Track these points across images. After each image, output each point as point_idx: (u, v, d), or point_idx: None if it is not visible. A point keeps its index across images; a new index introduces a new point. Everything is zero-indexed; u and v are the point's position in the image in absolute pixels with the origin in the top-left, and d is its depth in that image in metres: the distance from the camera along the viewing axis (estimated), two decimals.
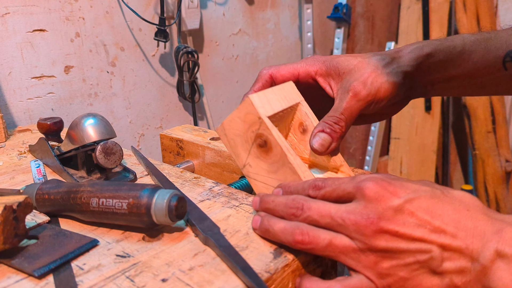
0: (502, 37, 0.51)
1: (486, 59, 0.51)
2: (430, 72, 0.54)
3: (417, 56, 0.52)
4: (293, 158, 0.44)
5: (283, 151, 0.44)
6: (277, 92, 0.49)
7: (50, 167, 0.62)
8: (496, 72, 0.51)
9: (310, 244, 0.36)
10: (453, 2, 1.63)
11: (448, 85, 0.55)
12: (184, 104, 1.27)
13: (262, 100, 0.46)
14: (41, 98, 0.94)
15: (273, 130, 0.45)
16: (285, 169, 0.45)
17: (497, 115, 1.66)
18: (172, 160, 0.74)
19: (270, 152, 0.45)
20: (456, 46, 0.52)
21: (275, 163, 0.45)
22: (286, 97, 0.49)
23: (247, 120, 0.46)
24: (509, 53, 0.50)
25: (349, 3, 1.66)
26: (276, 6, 1.52)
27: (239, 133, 0.48)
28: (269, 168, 0.46)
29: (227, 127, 0.48)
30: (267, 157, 0.46)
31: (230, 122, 0.48)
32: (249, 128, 0.46)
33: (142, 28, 1.11)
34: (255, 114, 0.45)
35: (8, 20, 0.87)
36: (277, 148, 0.45)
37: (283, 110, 0.48)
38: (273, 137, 0.44)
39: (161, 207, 0.39)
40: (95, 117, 0.55)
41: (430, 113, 1.69)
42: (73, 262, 0.38)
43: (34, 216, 0.46)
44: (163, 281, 0.35)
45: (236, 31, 1.39)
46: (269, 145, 0.45)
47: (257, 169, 0.48)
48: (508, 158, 1.68)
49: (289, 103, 0.49)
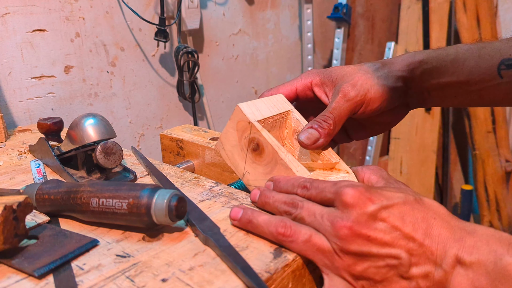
0: (495, 46, 0.52)
1: (480, 66, 0.52)
2: (424, 78, 0.55)
3: (409, 62, 0.54)
4: (284, 155, 0.46)
5: (274, 149, 0.46)
6: (266, 102, 0.52)
7: (50, 167, 0.62)
8: (492, 80, 0.52)
9: (291, 237, 0.38)
10: (453, 2, 1.63)
11: (444, 93, 0.55)
12: (184, 104, 1.27)
13: (251, 107, 0.49)
14: (41, 98, 0.94)
15: (263, 131, 0.47)
16: (278, 166, 0.47)
17: (497, 115, 1.66)
18: (172, 160, 0.75)
19: (263, 153, 0.47)
20: (449, 54, 0.54)
21: (269, 163, 0.47)
22: (275, 105, 0.52)
23: (239, 128, 0.49)
24: (504, 61, 0.51)
25: (349, 3, 1.66)
26: (276, 6, 1.52)
27: (234, 143, 0.50)
28: (264, 170, 0.48)
29: (224, 140, 0.51)
30: (261, 159, 0.48)
31: (225, 134, 0.51)
32: (242, 135, 0.49)
33: (142, 28, 1.11)
34: (245, 120, 0.48)
35: (8, 20, 0.87)
36: (268, 147, 0.47)
37: (273, 116, 0.51)
38: (263, 138, 0.47)
39: (161, 207, 0.39)
40: (95, 117, 0.55)
41: (430, 113, 1.69)
42: (73, 262, 0.38)
43: (34, 216, 0.46)
44: (163, 281, 0.35)
45: (236, 31, 1.39)
46: (261, 147, 0.47)
47: (255, 174, 0.49)
48: (508, 158, 1.68)
49: (279, 111, 0.52)
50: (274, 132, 0.52)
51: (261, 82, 1.53)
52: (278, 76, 1.59)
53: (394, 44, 1.69)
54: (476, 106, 0.59)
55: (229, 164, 0.52)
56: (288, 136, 0.54)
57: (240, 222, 0.42)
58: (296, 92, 0.55)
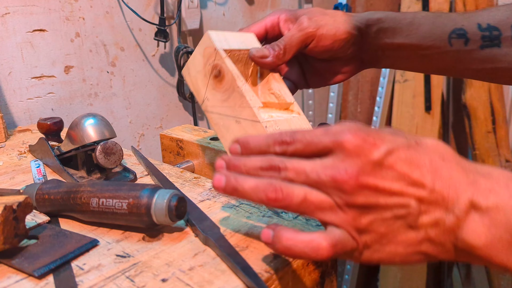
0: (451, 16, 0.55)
1: (433, 32, 0.55)
2: (380, 36, 0.57)
3: (368, 18, 0.57)
4: (242, 83, 0.48)
5: (233, 76, 0.48)
6: (236, 36, 0.54)
7: (50, 167, 0.62)
8: (442, 47, 0.55)
9: (284, 201, 0.33)
10: (453, 2, 1.62)
11: (397, 54, 0.58)
12: (184, 104, 1.27)
13: (220, 36, 0.51)
14: (41, 98, 0.94)
15: (226, 59, 0.49)
16: (235, 94, 0.49)
17: (497, 115, 1.66)
18: (172, 160, 0.74)
19: (223, 80, 0.50)
20: (407, 17, 0.57)
21: (227, 90, 0.49)
22: (244, 42, 0.54)
23: (205, 54, 0.51)
24: (455, 31, 0.54)
25: (349, 3, 1.66)
26: (276, 6, 1.52)
27: (199, 69, 0.52)
28: (222, 96, 0.50)
29: (190, 66, 0.53)
30: (220, 86, 0.50)
31: (193, 59, 0.53)
32: (207, 61, 0.51)
33: (142, 28, 1.11)
34: (212, 47, 0.50)
35: (8, 20, 0.87)
36: (228, 75, 0.49)
37: (240, 50, 0.52)
38: (225, 65, 0.49)
39: (161, 207, 0.39)
40: (95, 117, 0.55)
41: (430, 113, 1.69)
42: (73, 262, 0.38)
43: (34, 216, 0.46)
44: (163, 281, 0.35)
45: (236, 31, 1.39)
46: (222, 74, 0.49)
47: (213, 101, 0.51)
48: (508, 158, 1.68)
49: (246, 47, 0.54)
50: (239, 66, 0.53)
51: None
52: None
53: None
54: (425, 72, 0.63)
55: (191, 89, 0.54)
56: (252, 74, 0.55)
57: (225, 191, 0.36)
58: (266, 28, 0.58)
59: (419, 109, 1.72)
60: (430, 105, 1.69)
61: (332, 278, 0.43)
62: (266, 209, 0.46)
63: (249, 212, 0.46)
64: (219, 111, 0.51)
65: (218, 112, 0.51)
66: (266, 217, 0.45)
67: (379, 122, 1.66)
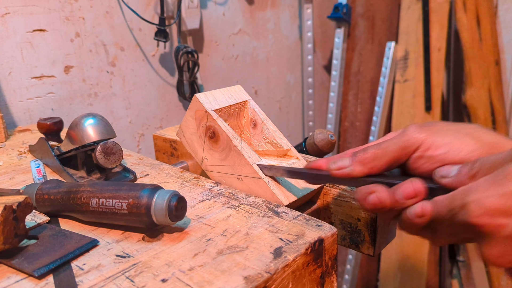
0: None
1: None
2: None
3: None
4: (238, 142, 0.50)
5: (228, 136, 0.50)
6: (224, 92, 0.55)
7: (50, 167, 0.62)
8: None
9: None
10: (453, 2, 1.63)
11: None
12: (184, 104, 1.27)
13: (209, 97, 0.53)
14: (41, 98, 0.94)
15: (218, 120, 0.51)
16: (232, 153, 0.50)
17: (497, 115, 1.66)
18: (165, 161, 0.74)
19: (219, 140, 0.51)
20: None
21: (224, 150, 0.51)
22: (232, 96, 0.55)
23: (197, 117, 0.53)
24: None
25: (349, 3, 1.66)
26: (276, 6, 1.52)
27: (193, 131, 0.54)
28: (220, 156, 0.52)
29: (184, 128, 0.55)
30: (217, 146, 0.52)
31: (185, 122, 0.54)
32: (200, 123, 0.53)
33: (142, 28, 1.11)
34: (202, 109, 0.52)
35: (8, 20, 0.87)
36: (223, 135, 0.50)
37: (230, 106, 0.54)
38: (219, 126, 0.50)
39: (161, 207, 0.39)
40: (95, 117, 0.55)
41: (430, 113, 1.69)
42: (73, 262, 0.38)
43: (34, 216, 0.46)
44: (163, 282, 0.35)
45: (236, 31, 1.39)
46: (217, 135, 0.51)
47: (212, 160, 0.53)
48: None
49: (235, 101, 0.55)
50: (231, 121, 0.55)
51: (261, 82, 1.53)
52: (278, 76, 1.59)
53: (394, 44, 1.69)
54: None
55: (189, 150, 0.55)
56: (246, 125, 0.57)
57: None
58: None
59: (419, 109, 1.72)
60: (430, 105, 1.69)
61: (332, 278, 0.43)
62: (266, 209, 0.46)
63: (248, 212, 0.46)
64: (219, 170, 0.53)
65: (219, 171, 0.53)
66: (266, 217, 0.45)
67: (379, 122, 1.66)
